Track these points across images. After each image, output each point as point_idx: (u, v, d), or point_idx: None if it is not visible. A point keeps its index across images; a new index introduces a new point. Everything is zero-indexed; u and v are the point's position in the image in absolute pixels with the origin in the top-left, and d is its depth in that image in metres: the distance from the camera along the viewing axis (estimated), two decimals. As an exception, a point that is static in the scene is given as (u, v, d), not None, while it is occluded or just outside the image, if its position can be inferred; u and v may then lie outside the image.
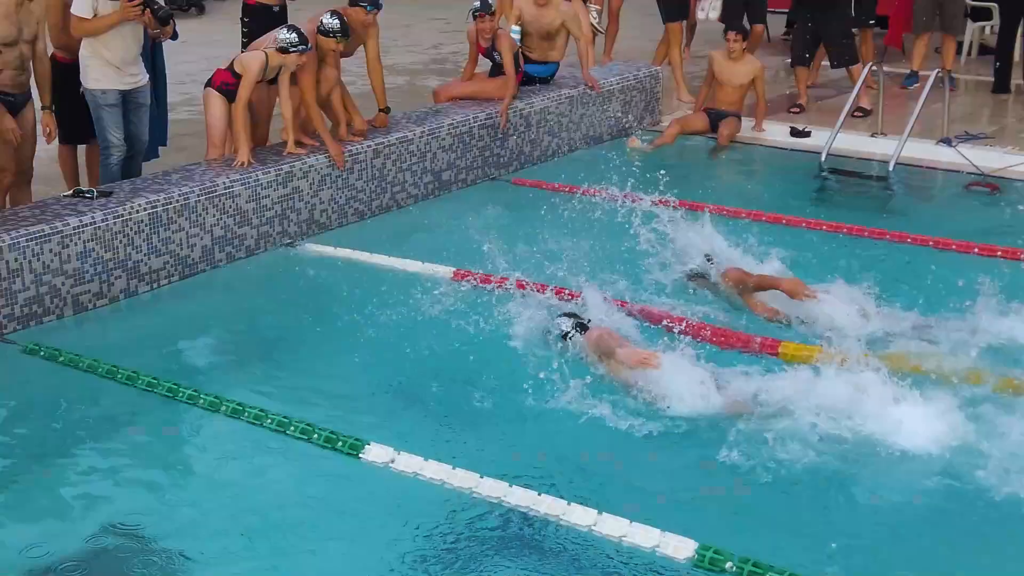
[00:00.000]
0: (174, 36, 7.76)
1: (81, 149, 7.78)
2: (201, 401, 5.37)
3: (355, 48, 7.98)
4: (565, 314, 5.92)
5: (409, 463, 4.87)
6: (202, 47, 12.65)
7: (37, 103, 7.11)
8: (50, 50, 7.35)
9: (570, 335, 5.72)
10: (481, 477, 4.75)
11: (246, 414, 5.25)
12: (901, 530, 4.47)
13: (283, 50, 7.24)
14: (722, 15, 11.19)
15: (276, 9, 8.82)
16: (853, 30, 11.17)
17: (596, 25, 11.01)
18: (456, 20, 16.21)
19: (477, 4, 8.75)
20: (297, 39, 7.22)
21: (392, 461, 4.90)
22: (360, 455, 4.95)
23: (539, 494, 4.64)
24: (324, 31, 7.49)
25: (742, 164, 9.66)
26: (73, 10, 7.18)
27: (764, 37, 12.28)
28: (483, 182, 8.71)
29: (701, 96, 10.14)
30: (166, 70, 8.18)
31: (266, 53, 7.35)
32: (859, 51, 11.21)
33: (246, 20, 8.80)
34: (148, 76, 7.46)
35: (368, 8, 7.68)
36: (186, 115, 10.36)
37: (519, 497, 4.63)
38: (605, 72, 10.07)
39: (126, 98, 7.26)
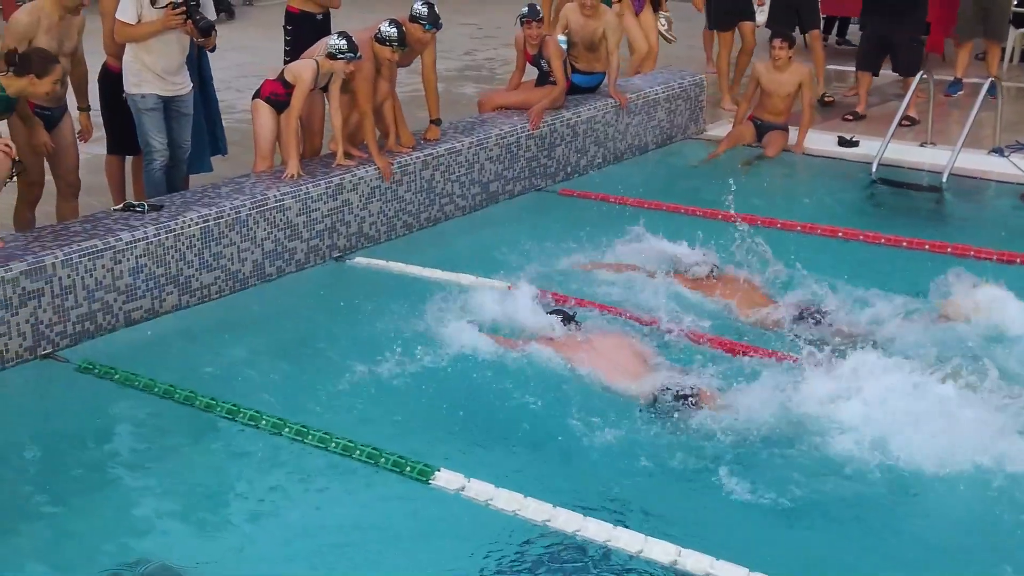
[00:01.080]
0: (211, 48, 7.66)
1: (128, 161, 7.67)
2: (263, 423, 5.25)
3: (411, 60, 7.85)
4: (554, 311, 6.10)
5: (481, 491, 4.74)
6: (233, 53, 12.54)
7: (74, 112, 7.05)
8: (102, 58, 7.27)
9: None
10: (555, 507, 4.62)
11: (310, 437, 5.13)
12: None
13: (332, 56, 7.11)
14: (769, 20, 11.02)
15: (319, 17, 8.67)
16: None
17: (665, 33, 10.85)
18: (487, 25, 16.12)
19: (524, 10, 8.62)
20: (347, 46, 7.09)
21: (463, 488, 4.77)
22: (430, 481, 4.82)
23: (615, 527, 4.51)
24: (381, 39, 7.35)
25: (791, 175, 9.49)
26: (117, 15, 7.10)
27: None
28: (530, 193, 8.57)
29: (742, 111, 9.91)
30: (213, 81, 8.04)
31: (316, 61, 7.23)
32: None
33: (289, 28, 8.66)
34: (192, 86, 7.35)
35: (427, 26, 7.53)
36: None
37: (595, 530, 4.50)
38: (649, 80, 9.92)
39: (167, 105, 7.15)
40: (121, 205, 6.56)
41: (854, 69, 11.80)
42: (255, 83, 7.47)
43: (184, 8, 6.98)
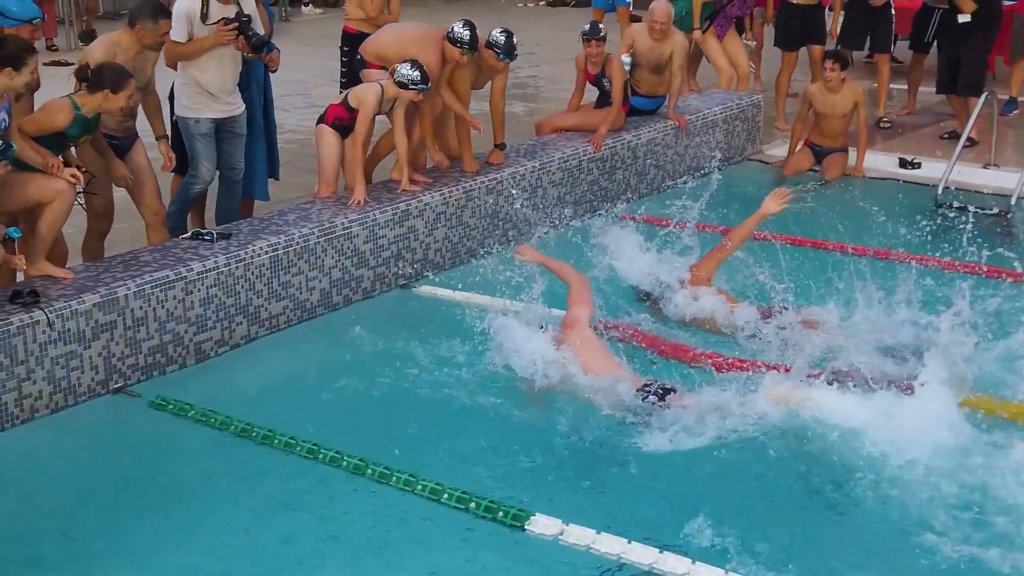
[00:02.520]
0: (274, 69, 7.55)
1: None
2: (344, 463, 5.10)
3: (483, 84, 7.71)
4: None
5: (580, 536, 4.57)
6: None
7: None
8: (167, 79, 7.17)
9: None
10: (660, 552, 4.46)
11: (394, 479, 4.98)
12: None
13: (402, 85, 6.98)
14: (840, 38, 10.85)
15: (375, 37, 8.57)
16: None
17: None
18: (528, 42, 15.92)
19: (587, 28, 8.48)
20: (419, 77, 6.96)
21: (561, 533, 4.61)
22: (525, 527, 4.65)
23: (726, 571, 4.35)
24: (453, 39, 7.21)
25: (853, 198, 9.29)
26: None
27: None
28: (591, 217, 8.39)
29: (795, 136, 9.70)
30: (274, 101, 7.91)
31: (381, 85, 7.09)
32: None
33: (345, 49, 8.53)
34: (245, 106, 7.24)
35: (500, 55, 7.38)
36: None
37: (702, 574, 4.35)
38: (706, 100, 9.76)
39: (220, 127, 7.03)
40: (189, 233, 6.42)
41: (905, 87, 11.67)
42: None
43: (237, 24, 6.86)
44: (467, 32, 7.18)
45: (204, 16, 6.90)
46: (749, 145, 9.99)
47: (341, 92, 8.53)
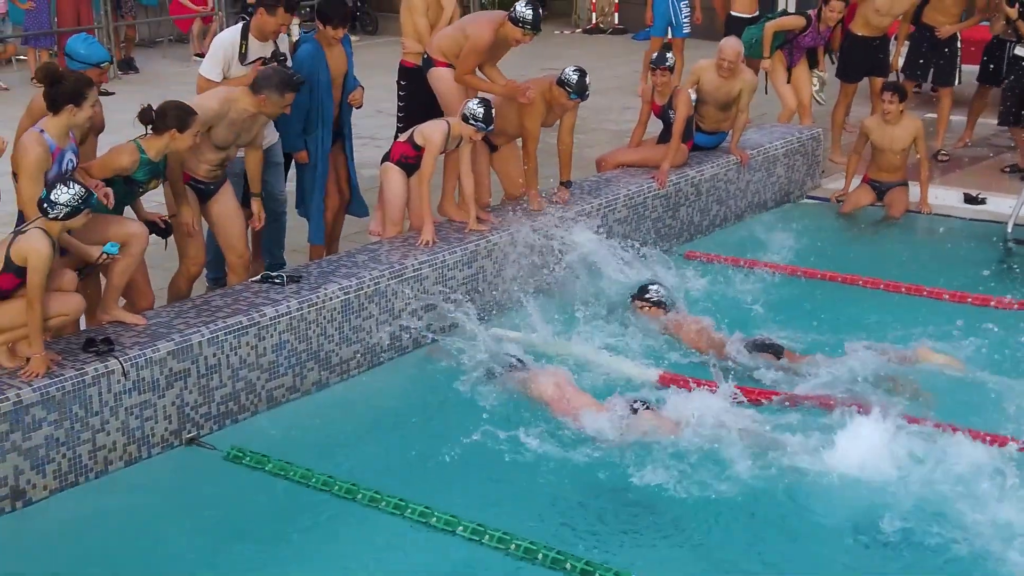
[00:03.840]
0: (359, 104, 7.45)
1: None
2: (434, 520, 4.92)
3: (553, 122, 7.54)
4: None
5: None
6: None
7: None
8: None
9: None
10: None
11: (487, 537, 4.79)
12: None
13: (465, 119, 6.82)
14: (904, 69, 10.66)
15: (435, 72, 8.43)
16: None
17: (816, 95, 10.48)
18: (569, 70, 15.82)
19: (655, 56, 8.33)
20: (482, 115, 6.80)
21: (665, 599, 4.43)
22: (625, 591, 4.48)
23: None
24: (514, 18, 7.05)
25: (915, 235, 9.10)
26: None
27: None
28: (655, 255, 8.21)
29: (851, 169, 9.50)
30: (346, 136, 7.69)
31: (448, 123, 6.95)
32: None
33: (403, 83, 8.38)
34: (278, 136, 7.10)
35: (572, 95, 7.21)
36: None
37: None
38: (766, 135, 9.58)
39: None
40: (259, 276, 6.26)
41: (956, 119, 11.45)
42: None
43: (274, 63, 6.76)
44: (529, 11, 7.02)
45: (243, 56, 6.81)
46: (809, 180, 9.80)
47: (398, 126, 8.43)
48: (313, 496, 5.17)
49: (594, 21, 19.30)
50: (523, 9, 7.07)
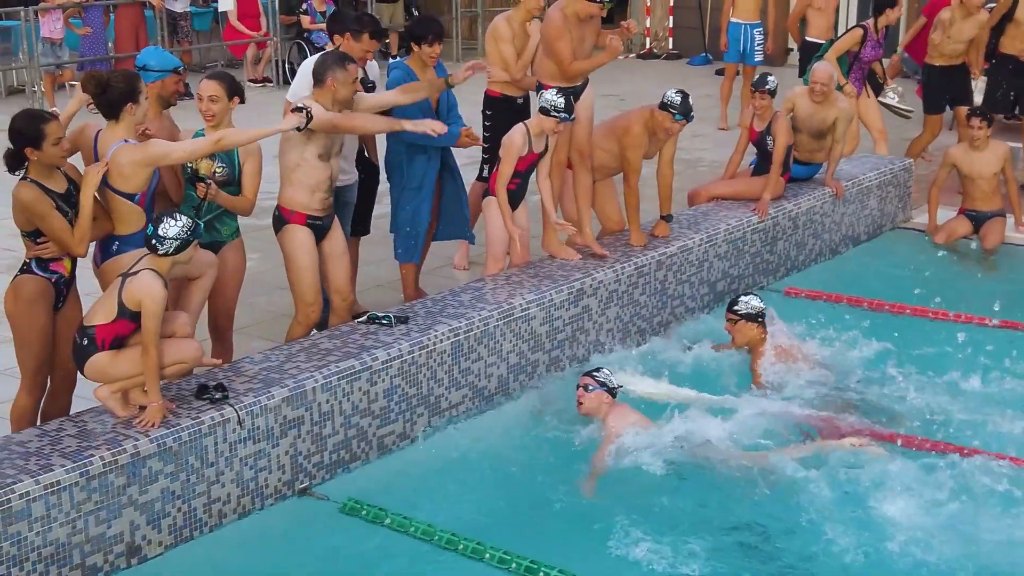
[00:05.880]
0: None
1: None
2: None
3: (655, 152, 7.27)
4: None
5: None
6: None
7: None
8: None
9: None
10: None
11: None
12: None
13: (544, 111, 6.53)
14: (985, 101, 10.36)
15: (520, 101, 8.19)
16: None
17: (900, 108, 10.18)
18: (629, 96, 15.44)
19: (756, 78, 8.10)
20: (563, 104, 6.48)
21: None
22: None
23: None
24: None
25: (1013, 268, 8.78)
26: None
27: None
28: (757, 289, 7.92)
29: (933, 202, 9.17)
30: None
31: (525, 124, 6.67)
32: None
33: (488, 113, 8.16)
34: (357, 175, 6.92)
35: (676, 116, 6.93)
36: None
37: None
38: (858, 165, 9.30)
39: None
40: (364, 317, 6.01)
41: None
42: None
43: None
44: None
45: None
46: (901, 212, 9.50)
47: (484, 156, 8.19)
48: (440, 557, 4.89)
49: (648, 46, 19.04)
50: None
